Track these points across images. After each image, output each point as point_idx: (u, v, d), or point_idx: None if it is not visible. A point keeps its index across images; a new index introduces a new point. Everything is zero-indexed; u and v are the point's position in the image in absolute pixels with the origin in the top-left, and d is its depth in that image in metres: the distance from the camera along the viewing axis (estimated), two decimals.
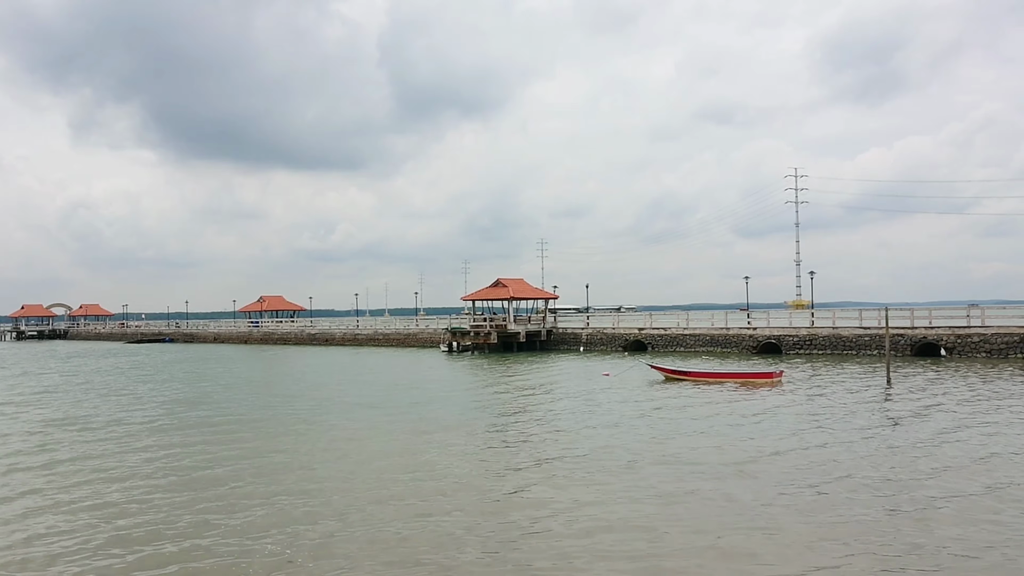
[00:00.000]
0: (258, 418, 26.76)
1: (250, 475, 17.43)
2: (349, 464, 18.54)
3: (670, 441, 20.67)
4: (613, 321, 66.16)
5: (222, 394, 35.03)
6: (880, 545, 11.77)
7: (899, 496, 14.52)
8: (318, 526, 13.30)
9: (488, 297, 66.29)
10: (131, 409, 29.97)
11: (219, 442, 21.87)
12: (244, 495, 15.55)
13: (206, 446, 21.29)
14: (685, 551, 11.70)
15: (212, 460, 19.27)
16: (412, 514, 13.95)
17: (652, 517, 13.45)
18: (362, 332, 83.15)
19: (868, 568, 10.85)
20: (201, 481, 16.95)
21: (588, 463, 18.06)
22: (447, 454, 19.53)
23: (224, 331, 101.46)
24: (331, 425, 24.73)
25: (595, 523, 13.15)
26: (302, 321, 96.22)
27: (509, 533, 12.78)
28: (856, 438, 20.56)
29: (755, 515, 13.47)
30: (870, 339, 48.83)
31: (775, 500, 14.41)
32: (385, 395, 33.11)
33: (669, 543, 12.07)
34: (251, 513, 14.18)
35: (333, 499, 15.12)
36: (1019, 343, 44.20)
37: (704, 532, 12.56)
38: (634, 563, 11.24)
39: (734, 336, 55.44)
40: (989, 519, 12.97)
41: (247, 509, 14.47)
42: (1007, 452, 18.40)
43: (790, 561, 11.22)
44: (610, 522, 13.19)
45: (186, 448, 21.03)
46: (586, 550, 11.80)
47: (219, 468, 18.28)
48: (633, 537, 12.37)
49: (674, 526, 12.92)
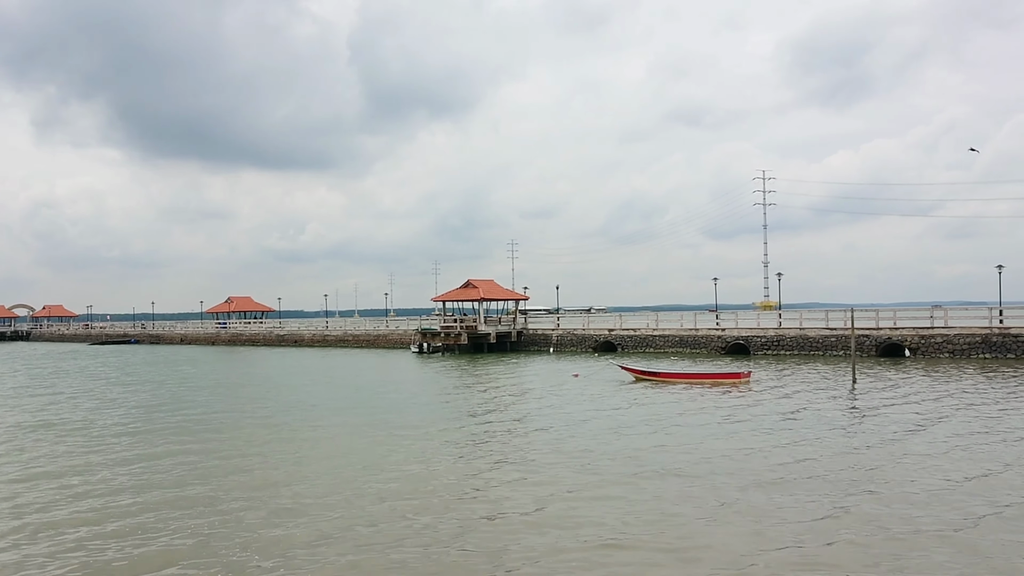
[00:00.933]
0: (224, 422, 26.40)
1: (215, 478, 17.16)
2: (315, 466, 18.33)
3: (637, 441, 20.68)
4: (583, 322, 66.35)
5: (189, 397, 34.54)
6: (843, 542, 11.85)
7: (859, 495, 14.64)
8: (279, 529, 13.11)
9: (459, 298, 66.18)
10: (101, 411, 29.45)
11: (187, 445, 21.53)
12: (208, 499, 15.30)
13: (173, 450, 20.94)
14: (648, 549, 11.68)
15: (178, 464, 18.94)
16: (378, 516, 13.80)
17: (619, 516, 13.41)
18: (332, 333, 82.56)
19: (825, 562, 10.92)
20: (166, 485, 16.67)
21: (555, 463, 18.00)
22: (415, 456, 19.36)
23: (191, 332, 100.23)
24: (298, 428, 24.44)
25: (561, 522, 13.09)
26: (271, 322, 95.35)
27: (475, 532, 12.68)
28: (820, 437, 20.73)
29: (717, 513, 13.51)
30: (836, 340, 49.38)
31: (737, 498, 14.46)
32: (354, 397, 32.85)
33: (632, 541, 12.05)
34: (214, 516, 13.95)
35: (297, 501, 14.91)
36: (981, 343, 44.94)
37: (668, 531, 12.57)
38: (599, 564, 11.21)
39: (703, 337, 55.79)
40: (951, 511, 13.12)
41: (210, 513, 14.22)
42: (968, 449, 18.63)
43: (745, 559, 11.25)
44: (577, 521, 13.13)
45: (152, 453, 20.67)
46: (553, 548, 11.75)
47: (186, 471, 17.98)
48: (599, 536, 12.33)
49: (638, 524, 12.90)
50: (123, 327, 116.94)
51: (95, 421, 26.63)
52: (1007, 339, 44.35)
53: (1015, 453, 18.27)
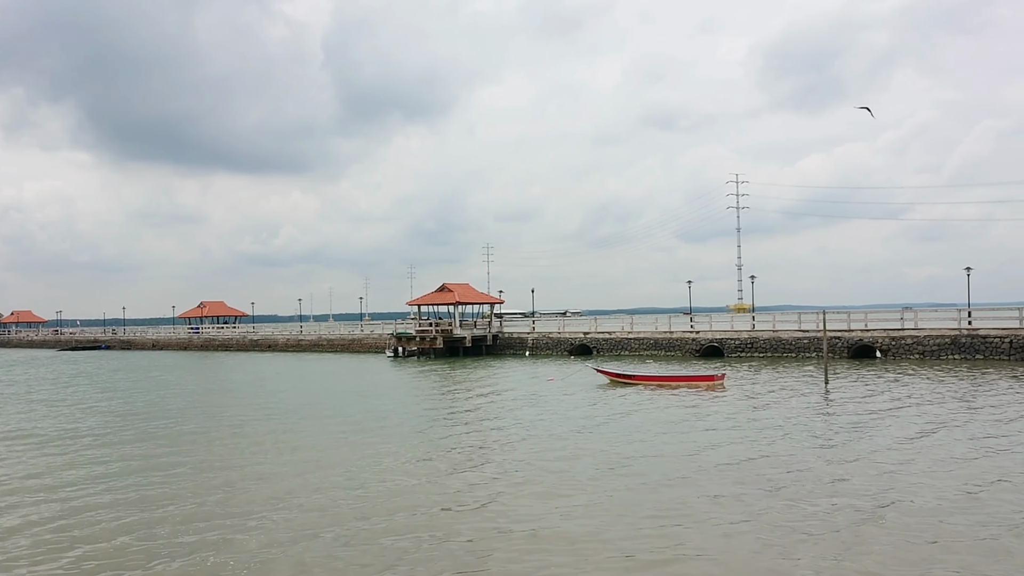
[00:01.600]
0: (197, 429, 26.16)
1: (189, 487, 17.00)
2: (289, 474, 18.17)
3: (613, 443, 20.73)
4: (559, 325, 66.54)
5: (160, 404, 34.18)
6: (812, 539, 11.98)
7: (830, 495, 14.80)
8: (251, 536, 13.00)
9: (434, 302, 66.07)
10: (76, 421, 29.05)
11: (157, 456, 21.30)
12: (182, 508, 15.15)
13: (145, 458, 20.73)
14: (621, 552, 11.74)
15: (147, 475, 18.74)
16: (351, 523, 13.73)
17: (596, 519, 13.45)
18: (306, 337, 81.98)
19: (799, 562, 11.03)
20: (134, 498, 16.48)
21: (531, 467, 18.01)
22: (390, 461, 19.29)
23: (163, 337, 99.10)
24: (271, 435, 24.24)
25: (538, 527, 13.11)
26: (244, 327, 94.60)
27: (452, 538, 12.65)
28: (792, 438, 20.92)
29: (690, 512, 13.59)
30: (809, 341, 49.88)
31: (708, 498, 14.56)
32: (328, 402, 32.65)
33: (610, 543, 12.10)
34: (185, 524, 13.82)
35: (269, 509, 14.80)
36: (950, 345, 45.60)
37: (642, 533, 12.63)
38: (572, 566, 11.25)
39: (678, 339, 56.11)
40: (921, 510, 13.31)
41: (182, 521, 14.08)
42: (935, 448, 18.89)
43: (720, 562, 11.34)
44: (552, 525, 13.16)
45: (124, 462, 20.44)
46: (528, 554, 11.76)
47: (157, 482, 17.79)
48: (574, 538, 12.36)
49: (615, 527, 12.94)
50: (94, 332, 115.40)
51: (67, 429, 26.27)
52: (975, 340, 45.04)
53: (983, 452, 18.57)
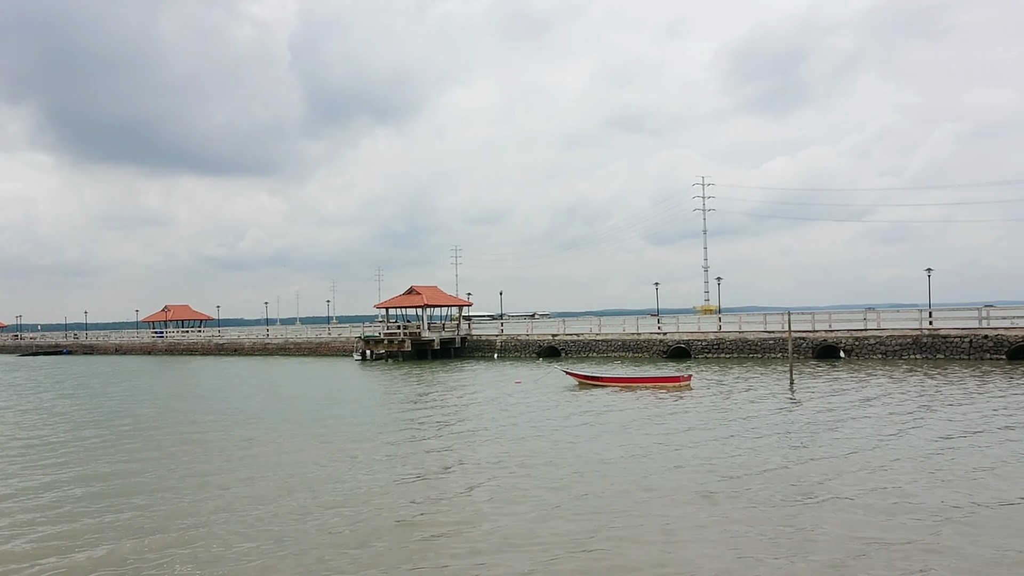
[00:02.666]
0: (158, 435, 25.78)
1: (156, 492, 16.72)
2: (255, 479, 17.95)
3: (580, 445, 20.74)
4: (527, 327, 66.55)
5: (121, 410, 33.62)
6: (774, 538, 12.07)
7: (794, 494, 14.93)
8: (218, 542, 12.80)
9: (402, 304, 65.78)
10: (36, 429, 28.48)
11: (118, 464, 20.93)
12: (148, 515, 14.89)
13: (108, 465, 20.35)
14: (586, 553, 11.74)
15: (110, 484, 18.41)
16: (316, 528, 13.60)
17: (562, 521, 13.44)
18: (272, 341, 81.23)
19: (760, 561, 11.10)
20: (95, 508, 16.17)
21: (497, 470, 17.96)
22: (356, 465, 19.13)
23: (126, 342, 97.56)
24: (237, 440, 23.96)
25: (504, 529, 13.07)
26: (209, 331, 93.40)
27: (411, 542, 12.56)
28: (758, 437, 21.09)
29: (654, 513, 13.64)
30: (774, 342, 50.41)
31: (672, 499, 14.62)
32: (295, 406, 32.33)
33: (573, 544, 12.09)
34: (152, 527, 13.58)
35: (238, 513, 14.59)
36: (912, 344, 46.35)
37: (607, 535, 12.64)
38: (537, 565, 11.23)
39: (645, 341, 56.41)
40: (877, 507, 13.47)
41: (150, 530, 13.84)
42: (895, 444, 19.15)
43: (678, 562, 11.39)
44: (518, 527, 13.12)
45: (85, 470, 20.07)
46: (493, 555, 11.72)
47: (119, 490, 17.49)
48: (540, 541, 12.34)
49: (581, 528, 12.94)
50: (55, 337, 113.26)
51: (27, 438, 25.76)
52: (936, 340, 45.83)
53: (945, 447, 18.86)
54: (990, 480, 15.81)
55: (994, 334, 44.54)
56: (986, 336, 44.65)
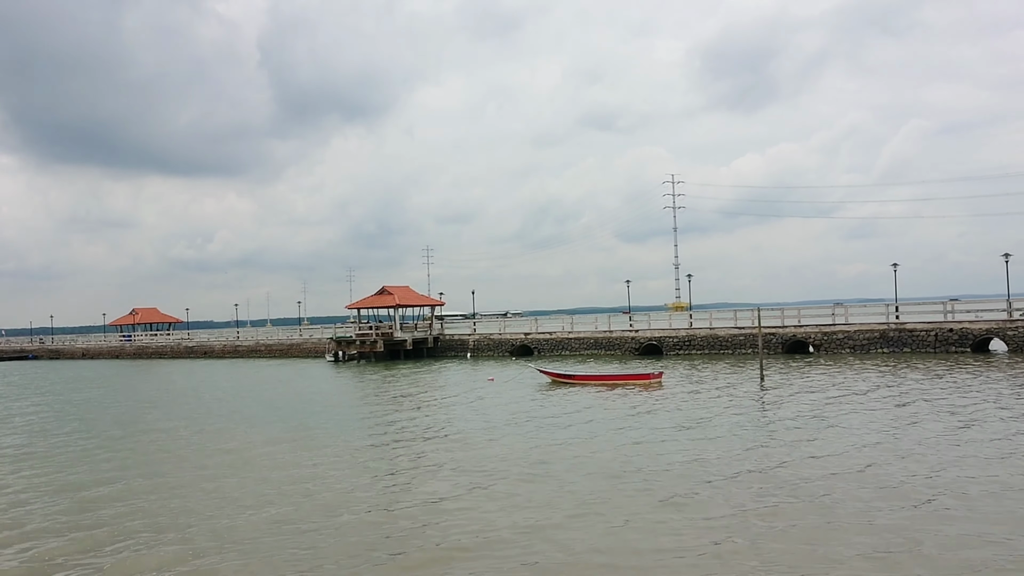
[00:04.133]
0: (126, 441, 25.49)
1: (127, 496, 16.52)
2: (227, 482, 17.79)
3: (551, 442, 20.75)
4: (500, 326, 66.51)
5: (87, 417, 33.17)
6: (746, 537, 12.19)
7: (764, 488, 15.07)
8: (190, 547, 12.67)
9: (374, 305, 65.47)
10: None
11: (81, 472, 20.65)
12: (120, 522, 14.71)
13: (76, 473, 20.06)
14: (561, 549, 11.77)
15: (78, 493, 18.15)
16: (290, 530, 13.50)
17: (533, 517, 13.46)
18: (243, 343, 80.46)
19: (732, 553, 11.20)
20: (60, 523, 15.94)
21: (470, 468, 17.93)
22: (329, 467, 19.01)
23: (93, 346, 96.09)
24: (208, 446, 23.73)
25: (475, 526, 13.06)
26: (179, 334, 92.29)
27: (386, 541, 12.52)
28: (727, 434, 21.24)
29: (624, 508, 13.71)
30: (745, 338, 50.84)
31: (642, 494, 14.70)
32: (266, 408, 32.05)
33: (549, 540, 12.12)
34: (122, 534, 13.42)
35: (209, 518, 14.46)
36: (879, 339, 46.99)
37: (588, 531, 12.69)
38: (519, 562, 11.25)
39: (617, 338, 56.64)
40: (850, 499, 13.66)
41: (124, 535, 13.68)
42: (864, 440, 19.40)
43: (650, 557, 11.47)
44: (488, 524, 13.12)
45: (47, 479, 19.77)
46: (467, 552, 11.71)
47: (87, 499, 17.25)
48: (516, 538, 12.35)
49: (552, 524, 12.97)
50: (19, 342, 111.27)
51: None
52: (903, 334, 46.51)
53: (914, 440, 19.14)
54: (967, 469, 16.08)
55: (959, 327, 45.29)
56: (951, 329, 45.39)
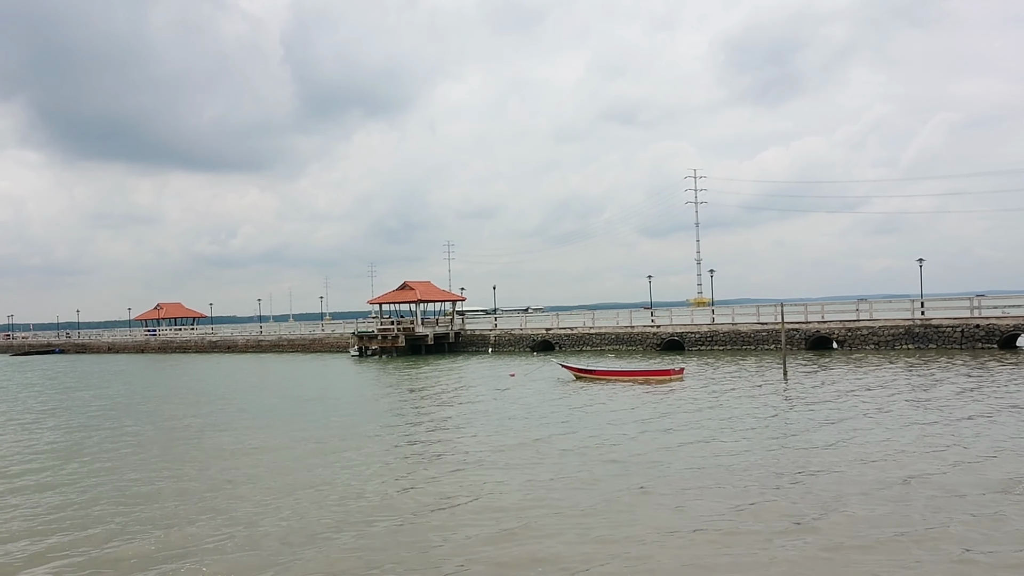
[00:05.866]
0: (152, 434, 25.78)
1: (146, 495, 16.72)
2: (253, 478, 17.96)
3: (573, 438, 20.73)
4: (521, 322, 66.55)
5: (113, 411, 33.57)
6: (768, 534, 12.13)
7: (785, 487, 15.00)
8: (223, 543, 12.81)
9: (395, 300, 65.73)
10: (33, 432, 28.40)
11: (109, 463, 20.92)
12: (142, 515, 14.89)
13: (95, 471, 20.33)
14: (581, 543, 11.78)
15: (100, 487, 18.39)
16: (319, 527, 13.60)
17: (563, 515, 13.47)
18: (266, 338, 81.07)
19: (750, 551, 11.16)
20: (88, 514, 16.16)
21: (497, 463, 17.99)
22: (354, 464, 19.11)
23: (119, 340, 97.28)
24: (233, 438, 23.95)
25: (505, 525, 13.10)
26: (202, 328, 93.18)
27: (418, 538, 12.59)
28: (748, 432, 21.13)
29: (646, 507, 13.69)
30: (767, 334, 50.53)
31: (664, 491, 14.67)
32: (289, 404, 32.29)
33: (573, 535, 12.13)
34: (152, 530, 13.58)
35: (237, 515, 14.60)
36: (904, 335, 46.53)
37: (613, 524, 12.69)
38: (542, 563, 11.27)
39: (639, 334, 56.49)
40: (880, 500, 13.54)
41: (144, 527, 13.85)
42: (891, 439, 19.22)
43: (672, 552, 11.45)
44: (519, 524, 13.16)
45: (76, 476, 20.06)
46: (500, 551, 11.75)
47: (111, 493, 17.48)
48: (544, 537, 12.38)
49: (583, 519, 12.98)
50: (47, 336, 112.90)
51: (24, 442, 25.70)
52: (928, 330, 46.03)
53: (940, 438, 18.95)
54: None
55: (986, 323, 44.75)
56: (978, 325, 44.86)
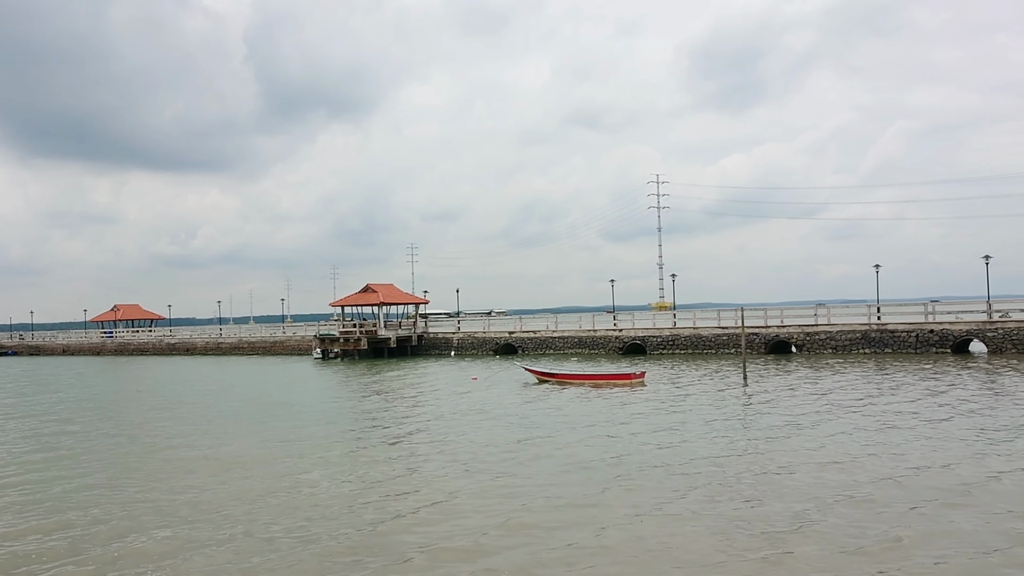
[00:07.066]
0: (105, 440, 25.28)
1: (104, 501, 16.40)
2: (211, 482, 17.68)
3: (535, 441, 20.75)
4: (484, 325, 66.53)
5: (63, 414, 32.89)
6: (726, 535, 12.24)
7: (743, 488, 15.15)
8: (178, 548, 12.59)
9: (358, 303, 65.33)
10: None
11: (59, 471, 20.47)
12: (98, 522, 14.59)
13: (49, 471, 19.88)
14: (529, 550, 11.78)
15: (48, 497, 18.00)
16: (276, 531, 13.44)
17: (516, 516, 13.46)
18: (226, 340, 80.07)
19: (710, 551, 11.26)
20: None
21: (455, 466, 17.92)
22: (314, 466, 18.93)
23: (74, 342, 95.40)
24: (192, 444, 23.57)
25: (461, 525, 13.06)
26: (161, 330, 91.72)
27: (381, 543, 12.49)
28: (708, 435, 21.30)
29: (607, 509, 13.74)
30: (728, 338, 51.06)
31: (623, 494, 14.74)
32: (251, 408, 31.88)
33: (528, 539, 12.13)
34: (99, 536, 13.31)
35: (191, 520, 14.37)
36: (861, 339, 47.32)
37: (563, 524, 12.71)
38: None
39: (601, 337, 56.76)
40: (824, 498, 13.74)
41: (103, 537, 13.57)
42: (845, 442, 19.52)
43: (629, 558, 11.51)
44: (474, 523, 13.13)
45: (25, 477, 19.59)
46: (459, 549, 11.71)
47: (60, 502, 17.11)
48: (505, 536, 12.36)
49: (537, 524, 12.99)
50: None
51: None
52: (884, 334, 46.86)
53: (894, 442, 19.27)
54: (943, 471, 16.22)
55: (939, 328, 45.69)
56: (931, 331, 45.78)
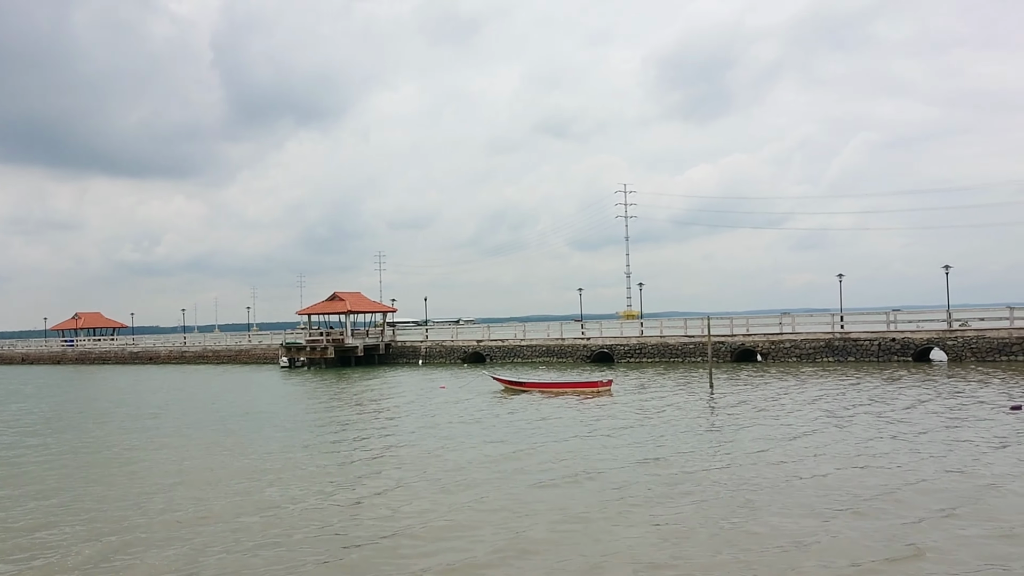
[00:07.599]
0: (62, 451, 24.80)
1: (66, 512, 16.06)
2: (175, 493, 17.41)
3: (501, 449, 20.71)
4: (452, 333, 66.37)
5: (18, 424, 32.24)
6: (691, 540, 12.29)
7: (707, 495, 15.25)
8: (137, 560, 12.36)
9: (325, 311, 64.87)
10: None
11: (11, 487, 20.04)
12: (61, 535, 14.27)
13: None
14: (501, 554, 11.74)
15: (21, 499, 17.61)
16: (249, 547, 13.26)
17: (482, 522, 13.41)
18: (190, 349, 79.02)
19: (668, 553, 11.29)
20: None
21: (421, 475, 17.83)
22: (280, 477, 18.73)
23: (33, 351, 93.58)
24: (155, 456, 23.23)
25: (426, 531, 12.98)
26: (123, 339, 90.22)
27: (352, 558, 12.37)
28: (674, 442, 21.41)
29: (574, 514, 13.74)
30: (695, 346, 51.45)
31: (590, 502, 14.76)
32: (216, 418, 31.47)
33: (491, 544, 12.08)
34: (62, 549, 13.02)
35: (154, 531, 14.13)
36: (825, 348, 47.94)
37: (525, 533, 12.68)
38: None
39: (569, 346, 56.88)
40: (796, 506, 13.87)
41: (62, 548, 13.28)
42: (807, 446, 19.73)
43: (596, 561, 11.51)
44: (439, 528, 13.05)
45: None
46: (423, 557, 11.62)
47: (30, 507, 16.74)
48: (463, 543, 12.29)
49: (499, 530, 12.94)
50: None
51: None
52: (847, 343, 47.53)
53: (858, 449, 19.52)
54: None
55: (901, 337, 46.43)
56: (893, 339, 46.51)
